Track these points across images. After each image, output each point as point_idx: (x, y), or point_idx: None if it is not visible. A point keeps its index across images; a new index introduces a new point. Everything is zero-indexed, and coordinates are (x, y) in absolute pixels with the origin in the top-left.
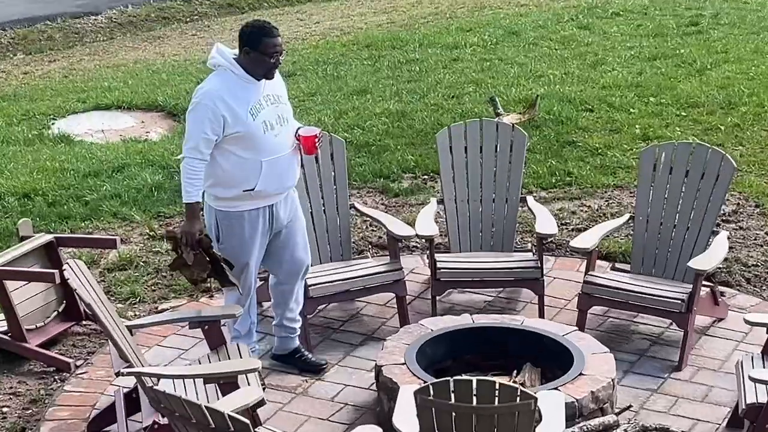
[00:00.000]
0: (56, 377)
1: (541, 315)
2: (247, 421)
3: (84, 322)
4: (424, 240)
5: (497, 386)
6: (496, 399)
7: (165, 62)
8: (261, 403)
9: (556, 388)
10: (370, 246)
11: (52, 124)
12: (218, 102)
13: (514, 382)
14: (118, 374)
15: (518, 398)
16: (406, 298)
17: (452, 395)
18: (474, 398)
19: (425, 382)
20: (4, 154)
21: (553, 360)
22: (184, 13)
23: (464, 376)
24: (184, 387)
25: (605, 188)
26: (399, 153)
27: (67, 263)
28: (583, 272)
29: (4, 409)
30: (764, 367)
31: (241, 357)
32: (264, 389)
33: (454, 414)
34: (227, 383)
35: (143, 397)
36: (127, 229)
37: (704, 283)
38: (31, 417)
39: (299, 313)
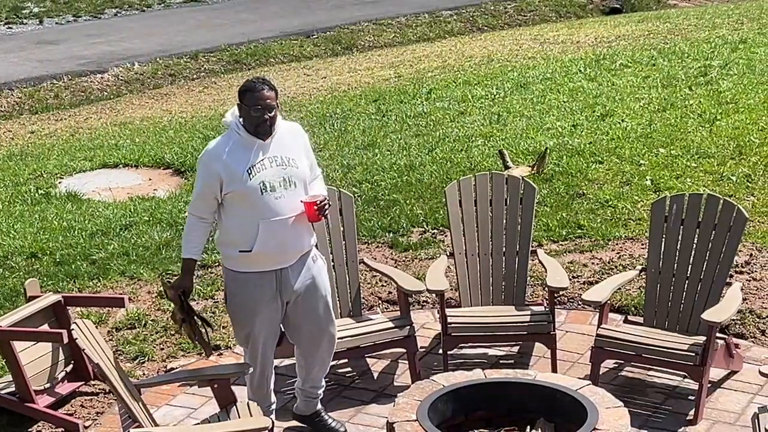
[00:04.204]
0: None
1: (554, 369)
2: None
3: (92, 382)
4: (434, 295)
5: None
6: None
7: (172, 119)
8: None
9: None
10: (379, 301)
11: (59, 183)
12: (215, 161)
13: None
14: None
15: None
16: (417, 353)
17: None
18: None
19: None
20: (11, 214)
21: (567, 415)
22: (191, 69)
23: None
24: None
25: (616, 240)
26: (408, 207)
27: (75, 323)
28: (596, 325)
29: None
30: None
31: (251, 415)
32: None
33: None
34: None
35: None
36: (135, 288)
37: (718, 335)
38: None
39: (323, 377)
